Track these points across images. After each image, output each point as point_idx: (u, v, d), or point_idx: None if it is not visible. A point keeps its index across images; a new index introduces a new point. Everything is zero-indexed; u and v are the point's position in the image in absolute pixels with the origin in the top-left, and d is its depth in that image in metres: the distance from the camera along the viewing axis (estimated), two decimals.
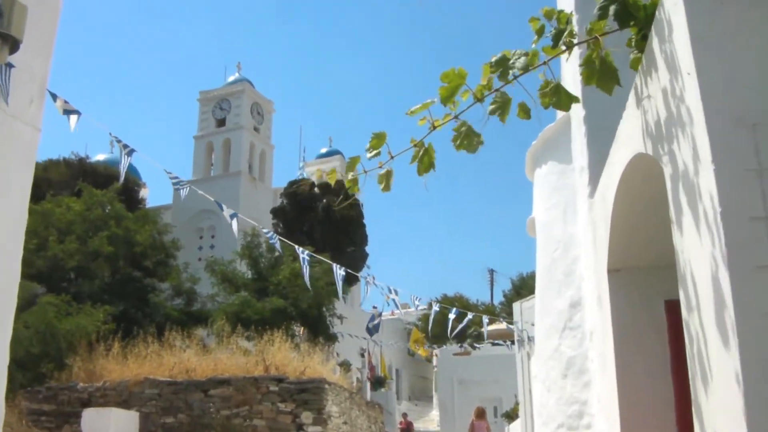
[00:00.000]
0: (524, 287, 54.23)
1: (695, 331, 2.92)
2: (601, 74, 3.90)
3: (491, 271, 71.65)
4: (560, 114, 8.50)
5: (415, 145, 4.18)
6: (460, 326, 26.56)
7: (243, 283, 36.32)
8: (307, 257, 15.48)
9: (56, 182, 44.92)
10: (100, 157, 59.64)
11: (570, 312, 7.66)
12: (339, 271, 16.12)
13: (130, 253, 34.55)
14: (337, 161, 69.78)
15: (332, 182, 4.63)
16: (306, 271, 16.30)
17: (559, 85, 3.87)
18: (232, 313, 32.35)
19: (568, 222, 8.00)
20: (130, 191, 48.18)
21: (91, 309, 26.62)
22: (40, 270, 31.06)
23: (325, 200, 52.74)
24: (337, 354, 41.16)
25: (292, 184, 55.43)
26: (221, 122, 65.04)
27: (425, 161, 4.16)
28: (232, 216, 13.65)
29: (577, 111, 6.44)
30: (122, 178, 11.22)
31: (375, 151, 4.25)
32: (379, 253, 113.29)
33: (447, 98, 4.06)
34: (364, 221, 54.70)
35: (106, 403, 20.84)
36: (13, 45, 7.37)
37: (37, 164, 34.19)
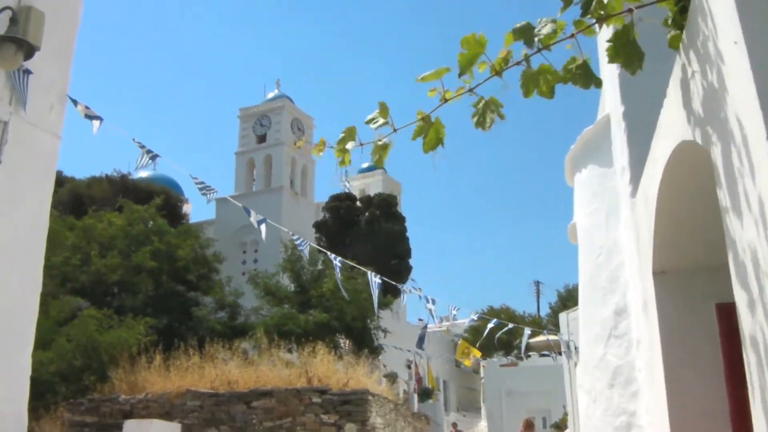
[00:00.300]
0: (571, 299, 53.52)
1: (754, 336, 2.58)
2: (626, 53, 3.59)
3: (537, 283, 71.10)
4: (600, 115, 8.20)
5: (421, 119, 3.82)
6: (500, 333, 26.12)
7: (286, 296, 36.28)
8: (338, 263, 15.23)
9: (99, 198, 45.20)
10: (143, 174, 59.98)
11: (615, 320, 7.33)
12: (374, 279, 15.83)
13: (173, 267, 34.56)
14: (380, 175, 69.76)
15: (318, 154, 4.19)
16: (338, 277, 16.08)
17: (586, 63, 3.57)
18: (274, 325, 32.25)
19: (611, 227, 7.67)
20: (172, 207, 48.31)
21: (132, 322, 26.62)
22: (84, 285, 31.17)
23: (367, 214, 52.63)
24: (384, 366, 40.90)
25: (334, 198, 55.37)
26: (262, 138, 65.34)
27: (431, 137, 3.81)
28: (260, 222, 13.48)
29: (617, 107, 6.15)
30: (138, 171, 11.04)
31: (382, 122, 3.91)
32: (423, 266, 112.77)
33: (466, 66, 3.73)
34: (408, 234, 54.47)
35: (148, 414, 20.77)
36: (29, 51, 7.24)
37: (80, 181, 34.48)
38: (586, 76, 3.62)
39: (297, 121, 66.53)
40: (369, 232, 50.83)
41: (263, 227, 13.56)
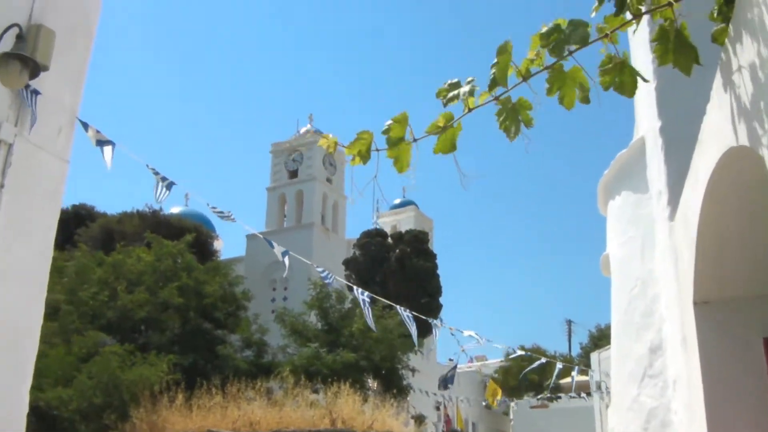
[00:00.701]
0: (603, 339, 52.68)
1: None
2: (677, 50, 3.16)
3: (569, 322, 70.17)
4: (634, 138, 7.74)
5: (442, 126, 3.48)
6: (530, 368, 25.49)
7: (314, 335, 35.86)
8: (367, 299, 14.80)
9: (129, 234, 45.09)
10: (175, 210, 60.03)
11: (650, 358, 6.82)
12: (406, 314, 15.38)
13: (201, 304, 34.29)
14: (411, 212, 69.43)
15: (331, 151, 3.84)
16: (368, 313, 15.62)
17: (625, 62, 3.14)
18: (301, 365, 31.84)
19: (646, 257, 7.19)
20: (202, 243, 48.16)
21: (156, 359, 26.29)
22: (110, 321, 30.94)
23: (398, 251, 52.21)
24: (413, 407, 40.28)
25: (365, 235, 55.05)
26: (294, 174, 65.23)
27: (446, 138, 3.48)
28: (284, 254, 13.11)
29: (653, 124, 5.70)
30: (159, 199, 10.55)
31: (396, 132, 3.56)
32: (454, 305, 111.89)
33: (501, 78, 3.36)
34: (438, 272, 53.93)
35: None
36: (35, 70, 6.92)
37: (111, 216, 34.39)
38: (629, 78, 3.21)
39: (329, 157, 66.29)
40: (399, 269, 50.37)
41: (287, 260, 13.20)
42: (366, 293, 14.90)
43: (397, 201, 72.68)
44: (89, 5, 8.29)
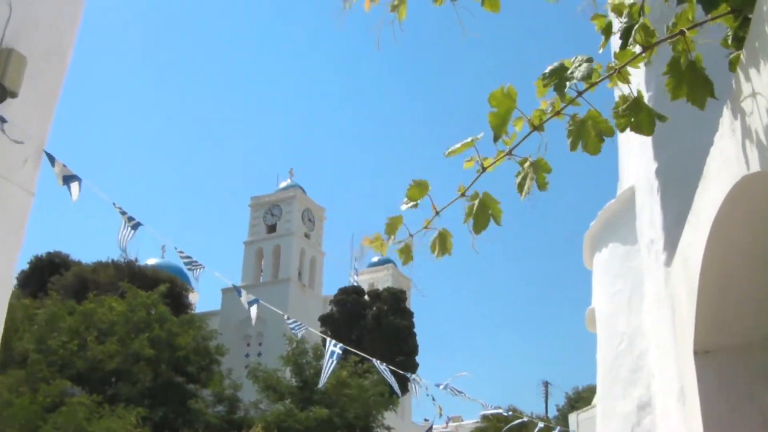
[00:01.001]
0: (579, 400, 52.16)
1: None
2: (691, 83, 2.93)
3: (546, 384, 69.56)
4: (619, 190, 7.52)
5: (462, 194, 3.35)
6: (508, 427, 25.12)
7: (288, 391, 35.33)
8: (339, 351, 14.39)
9: (104, 284, 44.54)
10: (151, 261, 59.52)
11: (638, 415, 6.51)
12: (382, 367, 14.96)
13: (173, 357, 33.80)
14: (389, 270, 69.07)
15: (382, 251, 3.76)
16: (331, 366, 15.13)
17: (640, 99, 2.91)
18: (273, 422, 31.29)
19: (634, 311, 6.92)
20: (177, 295, 47.67)
21: (124, 411, 25.73)
22: (80, 371, 30.36)
23: (375, 308, 51.85)
24: None
25: (342, 291, 54.71)
26: (272, 228, 65.00)
27: (482, 216, 3.31)
28: (251, 303, 12.73)
29: (647, 167, 5.46)
30: (123, 249, 10.19)
31: (411, 204, 3.41)
32: (430, 365, 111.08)
33: (499, 126, 3.15)
34: (415, 331, 53.55)
35: None
36: (2, 95, 6.63)
37: (85, 266, 33.98)
38: (646, 117, 2.99)
39: (308, 212, 66.24)
40: (376, 327, 49.97)
41: (254, 310, 12.81)
42: (339, 345, 14.50)
43: (375, 259, 72.42)
44: (64, 32, 8.03)
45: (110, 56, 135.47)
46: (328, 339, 14.64)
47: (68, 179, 8.17)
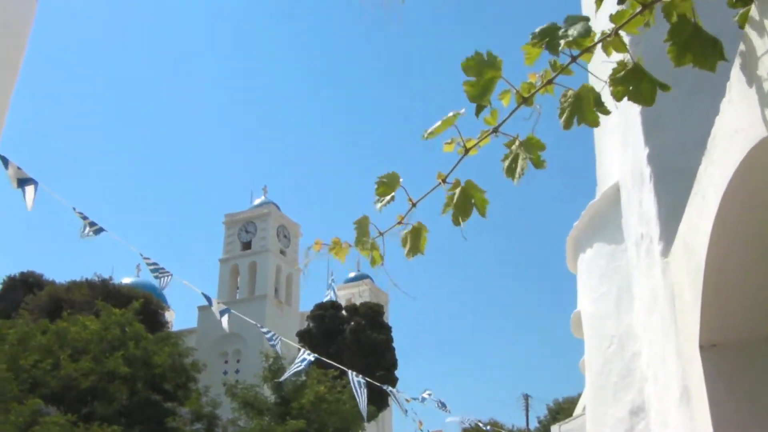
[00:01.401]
0: (561, 412, 51.97)
1: None
2: (696, 46, 2.60)
3: (526, 397, 69.28)
4: (604, 186, 7.23)
5: (442, 181, 2.96)
6: None
7: (266, 407, 34.90)
8: (311, 358, 14.04)
9: (78, 303, 44.01)
10: (126, 280, 58.95)
11: (631, 421, 6.20)
12: (357, 380, 14.62)
13: (150, 374, 33.32)
14: (366, 286, 68.70)
15: (341, 258, 3.31)
16: (298, 368, 14.76)
17: (640, 65, 2.60)
18: None
19: (623, 312, 6.62)
20: (152, 313, 47.20)
21: (99, 430, 25.22)
22: (53, 390, 29.83)
23: (353, 323, 51.49)
24: None
25: (318, 307, 54.31)
26: (247, 245, 64.64)
27: (464, 206, 2.95)
28: (222, 312, 12.40)
29: (635, 157, 5.17)
30: (85, 234, 9.80)
31: (386, 199, 3.04)
32: (409, 378, 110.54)
33: (479, 96, 2.79)
34: (394, 345, 53.20)
35: None
36: None
37: (59, 285, 33.53)
38: (647, 85, 2.67)
39: (283, 228, 65.91)
40: (354, 341, 49.60)
41: (225, 319, 12.48)
42: (313, 355, 14.16)
43: (352, 275, 72.13)
44: (16, 32, 7.68)
45: (88, 64, 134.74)
46: (302, 348, 14.32)
47: (23, 182, 7.79)
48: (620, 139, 6.20)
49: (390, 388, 18.71)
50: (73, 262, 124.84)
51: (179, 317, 71.11)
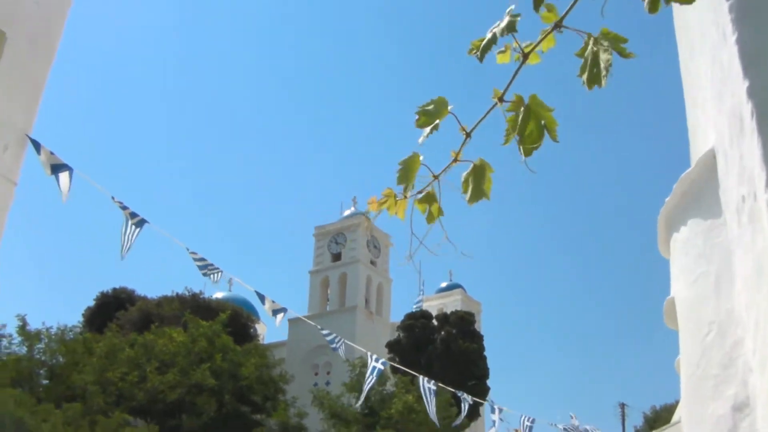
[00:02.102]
0: (658, 420, 50.32)
1: None
2: None
3: (622, 405, 67.56)
4: (697, 155, 6.39)
5: (499, 99, 2.52)
6: None
7: (354, 418, 34.45)
8: (380, 366, 13.39)
9: (168, 317, 44.24)
10: (218, 294, 59.19)
11: (734, 418, 5.35)
12: (428, 386, 13.96)
13: (237, 386, 33.11)
14: (458, 295, 68.00)
15: (399, 213, 2.73)
16: (371, 381, 14.19)
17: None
18: None
19: (723, 296, 5.77)
20: (242, 326, 47.18)
21: None
22: (140, 403, 29.80)
23: (443, 333, 50.70)
24: None
25: (409, 317, 53.70)
26: (337, 257, 64.44)
27: (532, 128, 2.50)
28: (276, 312, 11.84)
29: (735, 97, 4.37)
30: (125, 251, 9.32)
31: (427, 130, 2.64)
32: (502, 387, 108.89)
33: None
34: (486, 354, 52.22)
35: None
36: None
37: (150, 300, 33.65)
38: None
39: (374, 239, 65.52)
40: (445, 351, 48.78)
41: (279, 317, 11.89)
42: (381, 360, 13.52)
43: (444, 285, 71.48)
44: (53, 16, 7.25)
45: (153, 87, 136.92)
46: (369, 353, 13.73)
47: (57, 168, 7.27)
48: (715, 93, 5.39)
49: (468, 396, 17.91)
50: (165, 278, 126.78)
51: (271, 331, 71.16)
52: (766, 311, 4.31)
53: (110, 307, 50.44)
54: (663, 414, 49.86)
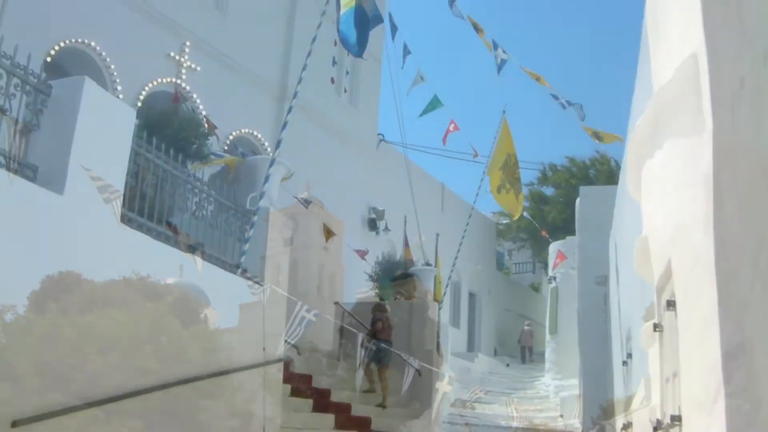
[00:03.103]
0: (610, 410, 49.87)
1: None
2: None
3: None
4: (663, 78, 5.50)
5: None
6: None
7: None
8: None
9: (115, 300, 42.94)
10: (169, 280, 57.60)
11: (726, 367, 4.33)
12: None
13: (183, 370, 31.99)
14: None
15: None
16: None
17: None
18: None
19: (710, 223, 4.73)
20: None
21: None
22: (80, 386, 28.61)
23: None
24: None
25: None
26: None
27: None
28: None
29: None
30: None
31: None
32: None
33: None
34: None
35: None
36: None
37: (96, 283, 32.22)
38: None
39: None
40: None
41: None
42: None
43: None
44: None
45: None
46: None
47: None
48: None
49: None
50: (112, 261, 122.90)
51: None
52: None
53: (56, 291, 49.05)
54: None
